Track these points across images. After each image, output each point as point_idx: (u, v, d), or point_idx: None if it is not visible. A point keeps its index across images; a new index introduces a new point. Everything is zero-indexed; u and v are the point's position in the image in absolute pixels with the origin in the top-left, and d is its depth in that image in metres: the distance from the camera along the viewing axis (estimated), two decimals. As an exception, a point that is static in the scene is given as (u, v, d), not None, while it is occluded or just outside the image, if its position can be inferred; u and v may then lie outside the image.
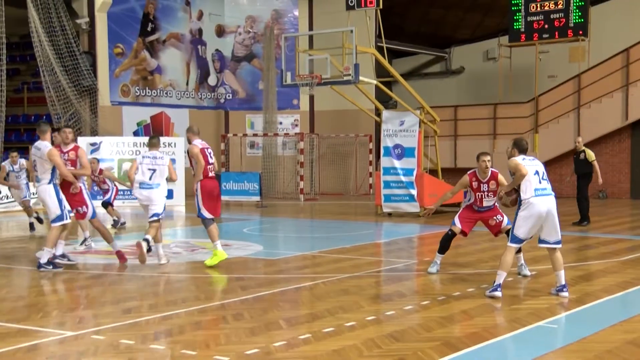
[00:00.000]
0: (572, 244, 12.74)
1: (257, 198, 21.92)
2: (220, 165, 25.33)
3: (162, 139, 22.61)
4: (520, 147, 8.14)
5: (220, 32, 27.98)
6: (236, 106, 28.21)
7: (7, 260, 11.25)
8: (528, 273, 9.34)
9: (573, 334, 6.62)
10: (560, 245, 8.11)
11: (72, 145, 10.64)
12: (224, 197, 22.58)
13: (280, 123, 27.48)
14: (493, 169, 9.25)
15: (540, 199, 7.89)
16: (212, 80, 27.91)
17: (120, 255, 10.59)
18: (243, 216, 19.14)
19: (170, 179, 11.01)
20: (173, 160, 22.01)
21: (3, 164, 16.03)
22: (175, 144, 22.29)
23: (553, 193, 8.09)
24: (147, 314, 7.31)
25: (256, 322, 6.98)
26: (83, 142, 19.61)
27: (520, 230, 7.98)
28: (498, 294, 7.94)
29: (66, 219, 9.95)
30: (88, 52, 23.81)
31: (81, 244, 12.20)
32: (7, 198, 20.07)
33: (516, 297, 8.18)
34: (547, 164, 24.63)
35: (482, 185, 9.17)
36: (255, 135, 27.07)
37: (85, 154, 10.83)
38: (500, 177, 9.20)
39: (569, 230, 14.36)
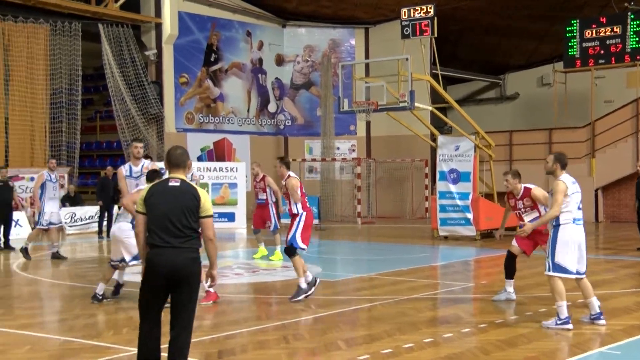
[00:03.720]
0: (634, 269, 12.35)
1: (316, 221, 21.91)
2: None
3: (225, 164, 23.07)
4: (563, 163, 7.68)
5: (280, 61, 28.36)
6: (295, 132, 28.45)
7: (81, 279, 11.54)
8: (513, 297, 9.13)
9: None
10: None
11: (143, 161, 9.82)
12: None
13: (338, 148, 27.57)
14: (527, 185, 9.08)
15: (578, 229, 7.51)
16: (272, 107, 28.24)
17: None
18: (302, 239, 19.13)
19: None
20: (234, 185, 22.54)
21: (42, 172, 14.97)
22: (237, 168, 22.58)
23: None
24: (211, 333, 7.39)
25: (316, 343, 6.97)
26: (127, 167, 20.01)
27: (564, 258, 7.41)
28: (570, 326, 7.44)
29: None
30: (155, 82, 24.44)
31: None
32: (81, 220, 20.64)
33: (576, 322, 7.96)
34: (605, 189, 24.02)
35: (517, 202, 9.06)
36: (313, 160, 27.21)
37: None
38: (535, 192, 8.91)
39: (630, 255, 13.91)
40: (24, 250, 14.47)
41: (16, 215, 19.65)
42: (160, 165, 23.12)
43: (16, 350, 6.72)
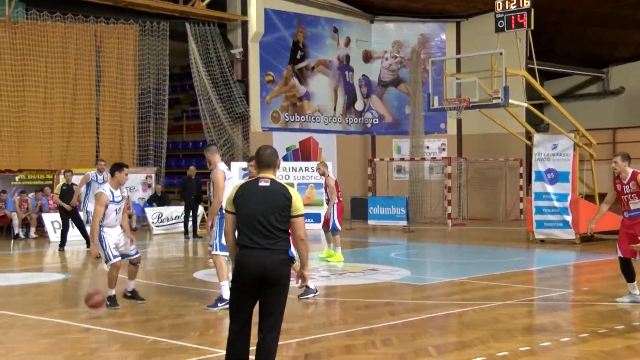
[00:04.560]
0: None
1: (404, 223, 21.83)
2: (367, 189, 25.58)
3: (310, 164, 23.26)
4: None
5: (367, 57, 28.35)
6: (383, 131, 28.37)
7: (168, 279, 11.91)
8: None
9: None
10: None
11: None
12: (370, 222, 22.77)
13: (427, 147, 27.29)
14: (635, 169, 8.80)
15: None
16: (359, 105, 28.25)
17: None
18: (390, 241, 19.14)
19: None
20: (320, 185, 22.67)
21: (88, 172, 15.95)
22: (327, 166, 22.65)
23: None
24: (297, 336, 7.47)
25: (405, 348, 6.93)
26: (235, 167, 20.44)
27: None
28: None
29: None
30: (241, 81, 24.91)
31: None
32: (167, 220, 21.29)
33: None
34: None
35: (624, 186, 8.83)
36: (402, 159, 27.05)
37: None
38: None
39: None
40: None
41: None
42: (245, 165, 23.59)
43: (107, 348, 7.01)
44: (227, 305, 9.05)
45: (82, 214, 15.95)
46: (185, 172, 20.63)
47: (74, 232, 16.83)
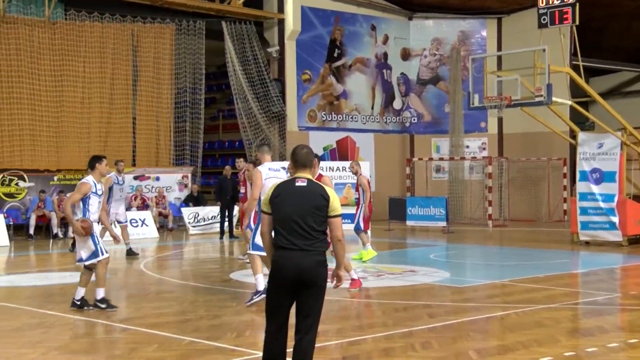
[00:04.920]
0: None
1: (444, 223, 21.70)
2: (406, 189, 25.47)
3: (347, 164, 23.22)
4: None
5: (406, 55, 28.23)
6: (421, 130, 28.23)
7: (205, 279, 12.01)
8: None
9: None
10: None
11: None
12: (409, 222, 22.67)
13: (467, 146, 27.08)
14: None
15: None
16: (397, 104, 28.16)
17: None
18: (429, 242, 19.04)
19: None
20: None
21: (109, 175, 15.03)
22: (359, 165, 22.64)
23: None
24: (335, 338, 7.47)
25: (445, 352, 6.89)
26: (265, 168, 20.46)
27: None
28: None
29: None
30: (277, 79, 25.01)
31: None
32: (204, 220, 21.48)
33: None
34: None
35: None
36: (441, 159, 26.89)
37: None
38: None
39: None
40: (130, 251, 15.39)
41: (143, 214, 20.79)
42: (282, 165, 23.71)
43: (145, 348, 7.10)
44: (263, 296, 9.37)
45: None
46: (222, 172, 20.78)
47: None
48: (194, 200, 22.56)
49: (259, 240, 9.22)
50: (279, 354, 5.45)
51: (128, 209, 21.28)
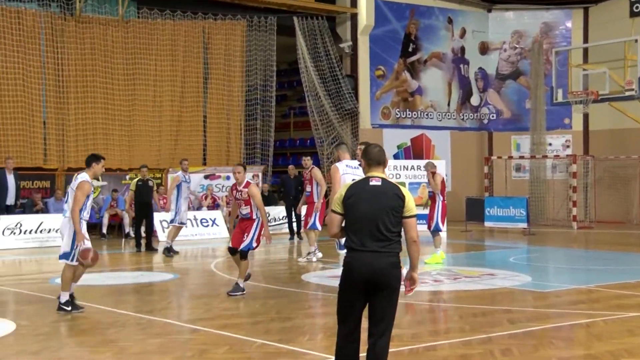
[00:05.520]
0: None
1: (524, 225, 21.30)
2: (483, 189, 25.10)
3: (423, 162, 23.02)
4: None
5: (484, 49, 27.81)
6: (500, 127, 27.77)
7: (275, 281, 12.12)
8: None
9: None
10: None
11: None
12: (487, 223, 22.36)
13: (550, 144, 26.46)
14: None
15: None
16: (474, 100, 27.78)
17: None
18: (508, 244, 18.71)
19: None
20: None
21: (177, 174, 16.23)
22: (435, 167, 22.42)
23: None
24: (409, 343, 7.42)
25: (526, 359, 6.76)
26: (342, 165, 20.51)
27: None
28: None
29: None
30: (350, 76, 25.02)
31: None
32: (275, 220, 21.68)
33: None
34: None
35: None
36: (521, 157, 26.39)
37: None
38: None
39: None
40: (168, 250, 15.65)
41: (213, 214, 21.11)
42: (355, 164, 23.73)
43: (216, 350, 7.22)
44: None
45: (170, 215, 16.19)
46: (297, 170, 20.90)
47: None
48: (264, 199, 22.66)
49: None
50: (351, 358, 5.45)
51: (199, 208, 21.73)
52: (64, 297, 9.15)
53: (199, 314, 9.23)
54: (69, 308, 9.12)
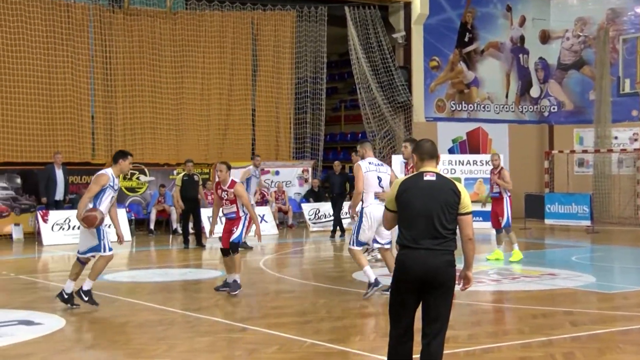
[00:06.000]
0: None
1: (587, 222, 20.93)
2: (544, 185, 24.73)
3: (479, 157, 22.80)
4: None
5: (545, 38, 27.36)
6: (562, 119, 27.31)
7: (325, 279, 12.15)
8: None
9: None
10: None
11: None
12: (547, 221, 22.03)
13: (616, 137, 25.87)
14: None
15: None
16: (534, 91, 27.37)
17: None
18: (570, 242, 18.43)
19: None
20: (489, 180, 22.19)
21: (247, 168, 16.51)
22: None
23: None
24: (466, 345, 7.36)
25: (590, 365, 6.63)
26: (396, 160, 20.45)
27: None
28: None
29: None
30: (403, 67, 24.88)
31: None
32: (325, 217, 21.72)
33: None
34: None
35: None
36: (584, 151, 25.90)
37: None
38: None
39: None
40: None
41: (262, 210, 21.24)
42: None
43: (265, 349, 7.27)
44: (376, 288, 9.55)
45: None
46: (344, 165, 20.92)
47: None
48: (314, 195, 22.83)
49: (359, 235, 9.98)
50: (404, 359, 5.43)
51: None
52: (88, 286, 9.25)
53: (248, 313, 9.30)
54: (87, 298, 9.24)
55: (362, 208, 10.04)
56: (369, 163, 10.24)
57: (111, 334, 8.29)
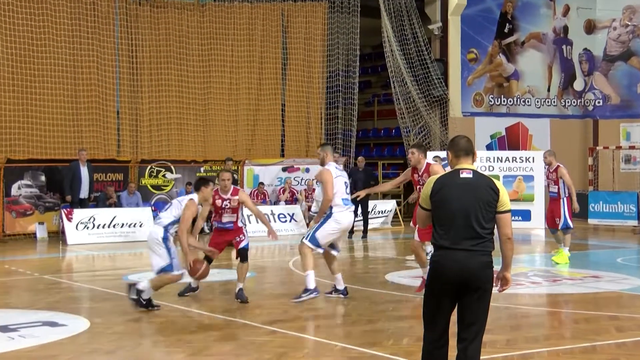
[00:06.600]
0: None
1: (634, 222, 20.75)
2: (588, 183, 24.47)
3: (519, 153, 22.64)
4: None
5: (590, 28, 27.08)
6: (608, 114, 27.01)
7: (357, 280, 12.15)
8: None
9: None
10: None
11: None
12: (591, 220, 21.83)
13: (665, 133, 25.61)
14: None
15: None
16: (578, 84, 27.11)
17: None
18: (616, 243, 18.24)
19: None
20: (529, 178, 22.03)
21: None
22: (533, 158, 22.07)
23: None
24: (504, 350, 7.33)
25: (635, 372, 6.57)
26: (332, 167, 20.35)
27: None
28: None
29: None
30: (439, 60, 24.79)
31: None
32: (355, 216, 21.69)
33: None
34: None
35: None
36: (631, 147, 25.62)
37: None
38: None
39: None
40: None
41: (292, 208, 21.29)
42: (443, 154, 23.49)
43: (294, 353, 7.30)
44: (312, 295, 9.49)
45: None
46: (377, 163, 20.89)
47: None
48: (346, 193, 22.77)
49: (320, 235, 9.91)
50: (439, 365, 5.42)
51: (276, 202, 21.97)
52: (148, 294, 9.40)
53: (277, 315, 9.34)
54: (136, 297, 9.39)
55: (332, 213, 9.97)
56: (335, 168, 10.28)
57: (136, 336, 8.38)
